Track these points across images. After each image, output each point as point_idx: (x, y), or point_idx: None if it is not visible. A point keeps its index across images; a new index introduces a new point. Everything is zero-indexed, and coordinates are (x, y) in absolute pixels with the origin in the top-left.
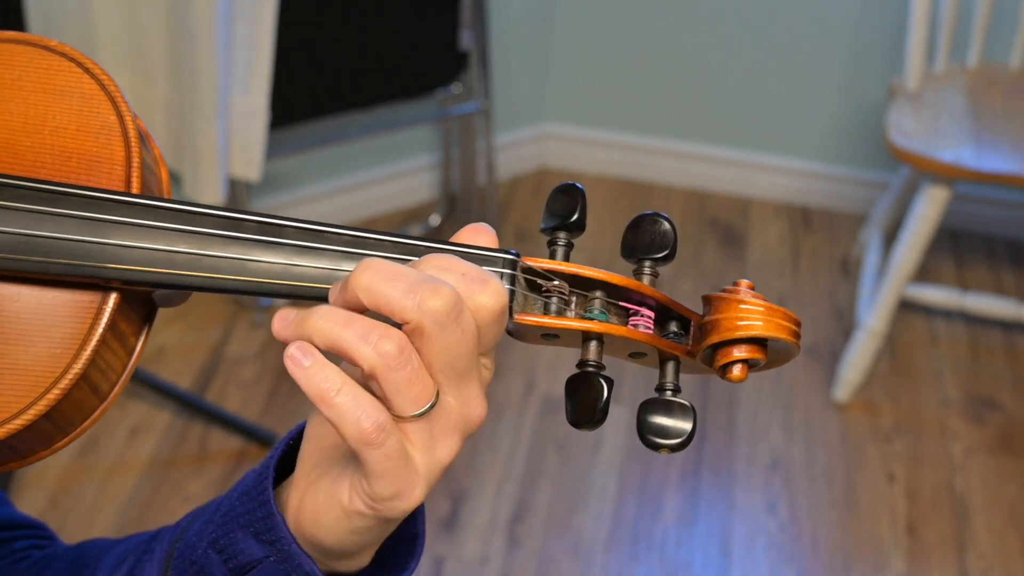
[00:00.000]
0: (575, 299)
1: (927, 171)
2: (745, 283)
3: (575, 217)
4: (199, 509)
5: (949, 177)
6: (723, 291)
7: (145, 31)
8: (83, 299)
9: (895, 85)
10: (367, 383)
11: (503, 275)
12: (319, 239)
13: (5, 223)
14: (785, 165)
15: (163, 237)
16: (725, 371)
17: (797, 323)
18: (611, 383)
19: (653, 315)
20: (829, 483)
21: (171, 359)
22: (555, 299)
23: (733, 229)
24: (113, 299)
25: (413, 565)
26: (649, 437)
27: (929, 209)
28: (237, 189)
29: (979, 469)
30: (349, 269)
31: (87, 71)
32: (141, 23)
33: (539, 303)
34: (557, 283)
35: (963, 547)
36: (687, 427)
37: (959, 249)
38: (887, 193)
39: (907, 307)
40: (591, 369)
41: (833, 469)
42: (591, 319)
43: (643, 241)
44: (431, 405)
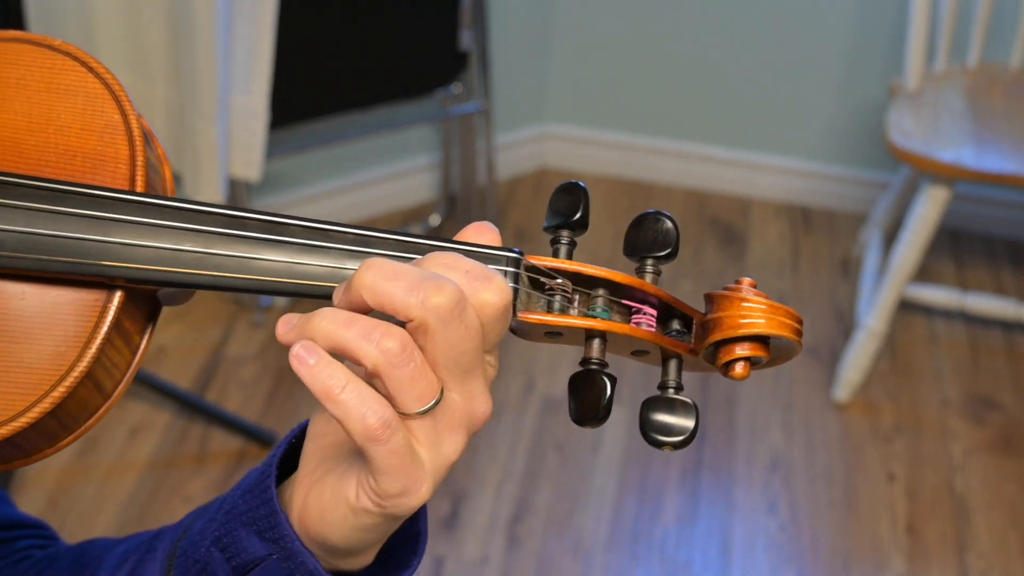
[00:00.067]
0: (578, 297)
1: (927, 171)
2: (747, 281)
3: (578, 215)
4: (201, 508)
5: (949, 177)
6: (725, 289)
7: (145, 31)
8: (88, 297)
9: (895, 85)
10: (371, 382)
11: (507, 273)
12: (324, 237)
13: (9, 221)
14: (785, 165)
15: (168, 235)
16: (727, 369)
17: (799, 321)
18: (614, 380)
19: (656, 313)
20: (829, 483)
21: (171, 359)
22: (558, 297)
23: (733, 229)
24: (118, 297)
25: (416, 563)
26: (652, 434)
27: (929, 209)
28: (237, 189)
29: (979, 469)
30: (353, 267)
31: (91, 70)
32: (141, 23)
33: (542, 301)
34: (560, 281)
35: (963, 547)
36: (690, 424)
37: (959, 249)
38: (887, 193)
39: (907, 307)
40: (594, 367)
41: (833, 469)
42: (594, 317)
43: (646, 239)
44: (435, 402)
